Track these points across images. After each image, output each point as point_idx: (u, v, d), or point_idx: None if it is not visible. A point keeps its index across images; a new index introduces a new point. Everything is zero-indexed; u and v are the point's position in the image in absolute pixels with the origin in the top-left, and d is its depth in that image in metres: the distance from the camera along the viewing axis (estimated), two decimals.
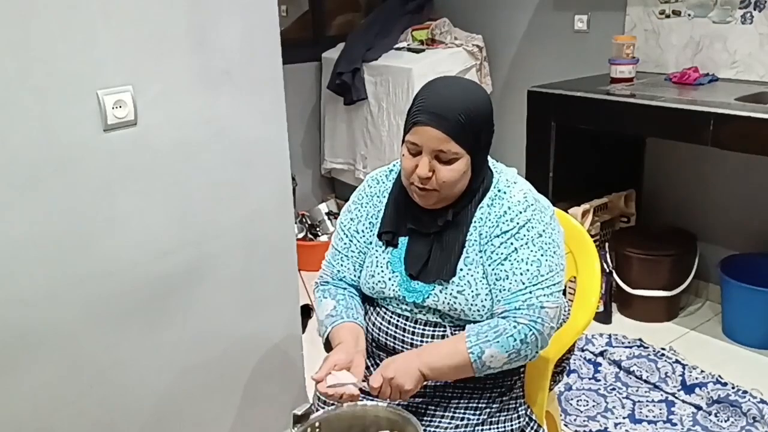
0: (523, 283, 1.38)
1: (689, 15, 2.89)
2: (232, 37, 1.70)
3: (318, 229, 3.75)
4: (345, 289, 1.57)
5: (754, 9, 2.71)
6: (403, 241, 1.50)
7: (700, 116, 2.38)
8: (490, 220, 1.43)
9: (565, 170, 2.88)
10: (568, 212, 2.79)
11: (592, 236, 2.91)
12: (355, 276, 1.56)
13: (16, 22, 1.37)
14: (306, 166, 4.07)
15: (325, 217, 3.78)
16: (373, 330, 1.54)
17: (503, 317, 1.39)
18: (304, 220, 3.74)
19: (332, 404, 1.45)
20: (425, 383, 1.40)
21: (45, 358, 1.55)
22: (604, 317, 2.95)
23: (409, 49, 3.61)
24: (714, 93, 2.61)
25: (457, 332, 1.45)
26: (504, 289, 1.40)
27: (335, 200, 4.02)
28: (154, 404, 1.76)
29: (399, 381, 1.34)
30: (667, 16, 2.96)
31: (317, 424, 1.41)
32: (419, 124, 1.37)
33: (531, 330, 1.36)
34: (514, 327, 1.36)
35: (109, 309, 1.62)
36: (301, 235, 3.64)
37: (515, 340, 1.36)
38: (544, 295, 1.39)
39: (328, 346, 1.51)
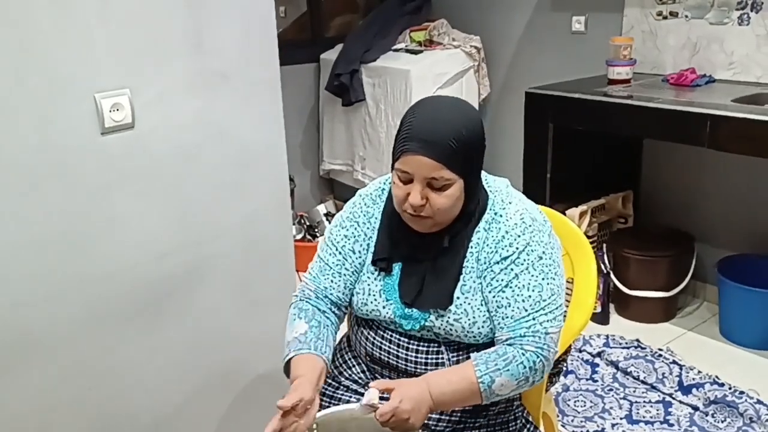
0: (526, 310, 1.35)
1: (686, 16, 2.90)
2: (229, 39, 1.71)
3: (316, 229, 3.75)
4: (324, 312, 1.48)
5: (751, 10, 2.72)
6: (396, 267, 1.45)
7: (696, 118, 2.38)
8: (488, 245, 1.39)
9: (563, 171, 2.88)
10: (565, 213, 2.80)
11: (589, 237, 2.92)
12: (341, 295, 1.50)
13: (12, 26, 1.37)
14: (305, 167, 4.08)
15: (324, 218, 3.79)
16: (367, 345, 1.51)
17: (510, 344, 1.36)
18: (302, 221, 3.75)
19: (328, 405, 1.45)
20: None
21: (44, 359, 1.55)
22: (601, 318, 2.96)
23: (407, 51, 3.62)
24: (711, 94, 2.62)
25: (451, 350, 1.44)
26: (507, 317, 1.36)
27: (334, 201, 4.03)
28: (152, 405, 1.76)
29: (413, 421, 1.29)
30: (665, 18, 2.97)
31: (314, 426, 1.42)
32: (408, 153, 1.30)
33: (539, 357, 1.34)
34: (522, 354, 1.33)
35: (108, 311, 1.63)
36: (299, 236, 3.65)
37: (525, 367, 1.33)
38: (548, 321, 1.36)
39: (287, 369, 1.41)
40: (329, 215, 3.82)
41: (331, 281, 1.49)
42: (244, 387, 1.95)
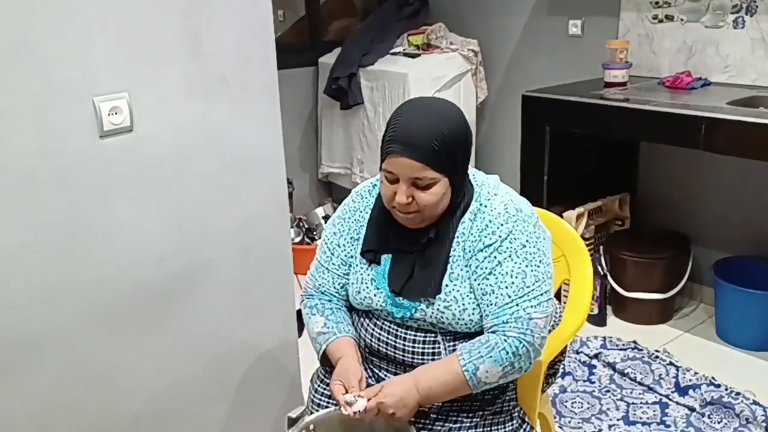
0: (509, 297, 1.38)
1: (682, 20, 2.92)
2: (227, 43, 1.72)
3: (315, 233, 3.76)
4: (330, 301, 1.58)
5: (746, 14, 2.74)
6: (386, 258, 1.50)
7: (691, 120, 2.39)
8: (472, 234, 1.43)
9: (560, 174, 2.90)
10: (562, 216, 2.81)
11: (586, 239, 2.94)
12: (334, 288, 1.58)
13: (11, 30, 1.38)
14: (303, 170, 4.09)
15: (322, 221, 3.80)
16: (365, 336, 1.55)
17: (493, 332, 1.39)
18: (301, 224, 3.76)
19: (327, 406, 1.46)
20: None
21: (41, 363, 1.56)
22: (598, 320, 2.97)
23: (405, 54, 3.64)
24: (706, 97, 2.63)
25: (447, 339, 1.47)
26: (491, 304, 1.40)
27: (332, 204, 4.04)
28: (149, 409, 1.77)
29: (399, 415, 1.36)
30: (660, 21, 2.98)
31: (312, 427, 1.43)
32: (393, 155, 1.36)
33: (521, 342, 1.37)
34: (505, 341, 1.36)
35: (106, 315, 1.63)
36: (297, 239, 3.66)
37: (507, 353, 1.36)
38: (532, 307, 1.38)
39: (325, 361, 1.54)
40: (327, 218, 3.82)
41: (323, 277, 1.59)
42: (243, 390, 1.96)
